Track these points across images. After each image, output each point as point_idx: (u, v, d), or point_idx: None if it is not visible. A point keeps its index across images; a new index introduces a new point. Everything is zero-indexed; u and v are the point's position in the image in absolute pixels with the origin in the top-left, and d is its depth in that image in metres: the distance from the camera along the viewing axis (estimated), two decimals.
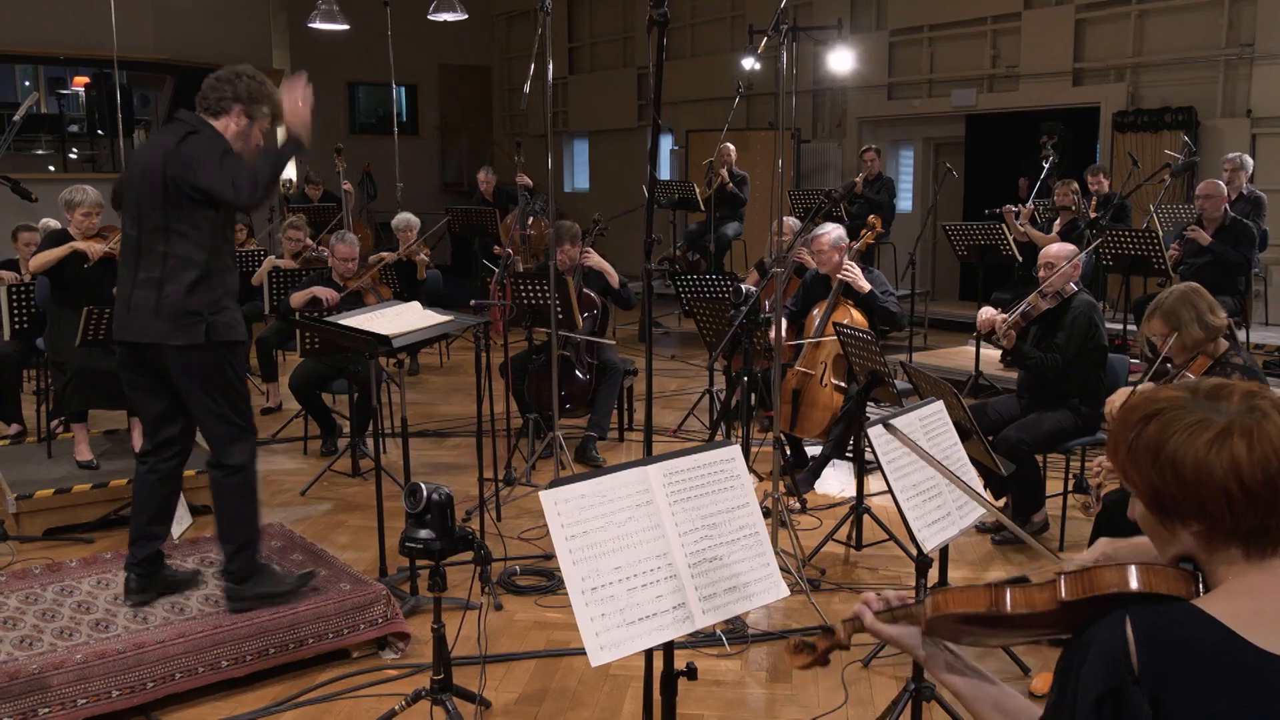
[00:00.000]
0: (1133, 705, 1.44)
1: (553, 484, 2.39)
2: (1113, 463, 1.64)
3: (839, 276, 6.16)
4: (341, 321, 4.60)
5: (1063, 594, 1.64)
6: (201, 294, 3.91)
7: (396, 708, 3.57)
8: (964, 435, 3.79)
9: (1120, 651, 1.47)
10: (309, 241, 8.87)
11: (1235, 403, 1.54)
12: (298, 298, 6.91)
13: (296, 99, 4.10)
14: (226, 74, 4.08)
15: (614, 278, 6.91)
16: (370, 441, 6.25)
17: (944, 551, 3.69)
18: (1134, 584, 1.58)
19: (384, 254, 9.00)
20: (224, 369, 4.00)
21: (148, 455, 4.19)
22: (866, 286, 6.10)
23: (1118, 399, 5.50)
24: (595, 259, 6.89)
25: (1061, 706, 1.53)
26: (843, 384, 6.06)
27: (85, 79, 15.37)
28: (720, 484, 2.60)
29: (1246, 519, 1.50)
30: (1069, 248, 5.41)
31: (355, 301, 6.80)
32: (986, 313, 5.52)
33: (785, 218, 6.26)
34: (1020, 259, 8.86)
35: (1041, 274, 5.36)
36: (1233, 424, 1.51)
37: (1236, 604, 1.50)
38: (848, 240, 6.29)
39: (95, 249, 6.13)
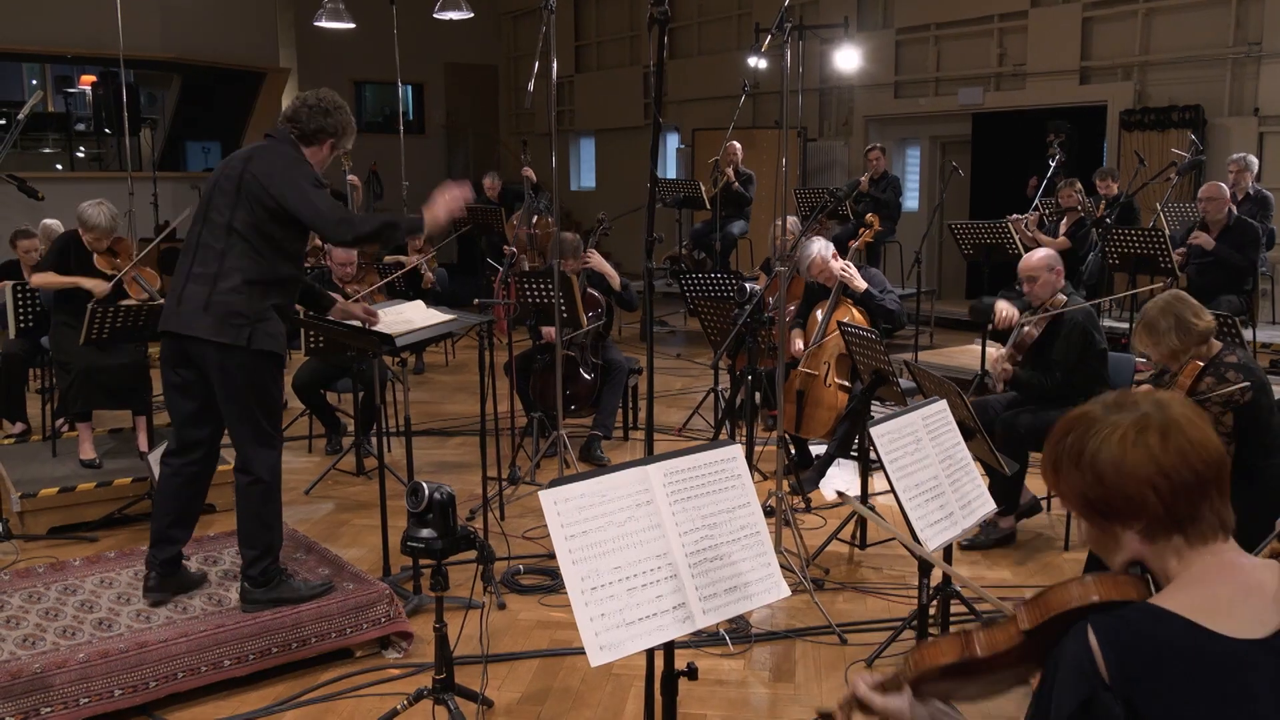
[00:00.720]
0: (1107, 711, 1.46)
1: (552, 483, 2.39)
2: (1046, 482, 1.70)
3: (838, 276, 6.14)
4: (345, 320, 4.60)
5: (1023, 624, 1.68)
6: (251, 299, 3.93)
7: (399, 707, 3.56)
8: (968, 435, 3.78)
9: (1087, 660, 1.49)
10: (316, 242, 8.86)
11: (1141, 403, 1.61)
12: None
13: (451, 202, 4.19)
14: (325, 104, 4.15)
15: (615, 280, 6.91)
16: (374, 440, 6.25)
17: (947, 550, 3.68)
18: (1088, 596, 1.62)
19: (400, 257, 8.99)
20: (261, 378, 4.01)
21: (173, 456, 4.19)
22: (862, 286, 6.09)
23: (1004, 308, 5.49)
24: (597, 260, 6.89)
25: None
26: (847, 383, 6.05)
27: (92, 78, 15.38)
28: (721, 483, 2.59)
29: (1178, 507, 1.55)
30: (1048, 255, 5.27)
31: None
32: (1009, 310, 5.42)
33: (788, 217, 6.25)
34: None
35: (1025, 288, 5.27)
36: (1144, 419, 1.58)
37: (1190, 595, 1.53)
38: (833, 249, 6.28)
39: (100, 290, 6.11)
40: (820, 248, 6.19)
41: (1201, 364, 4.08)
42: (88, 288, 6.10)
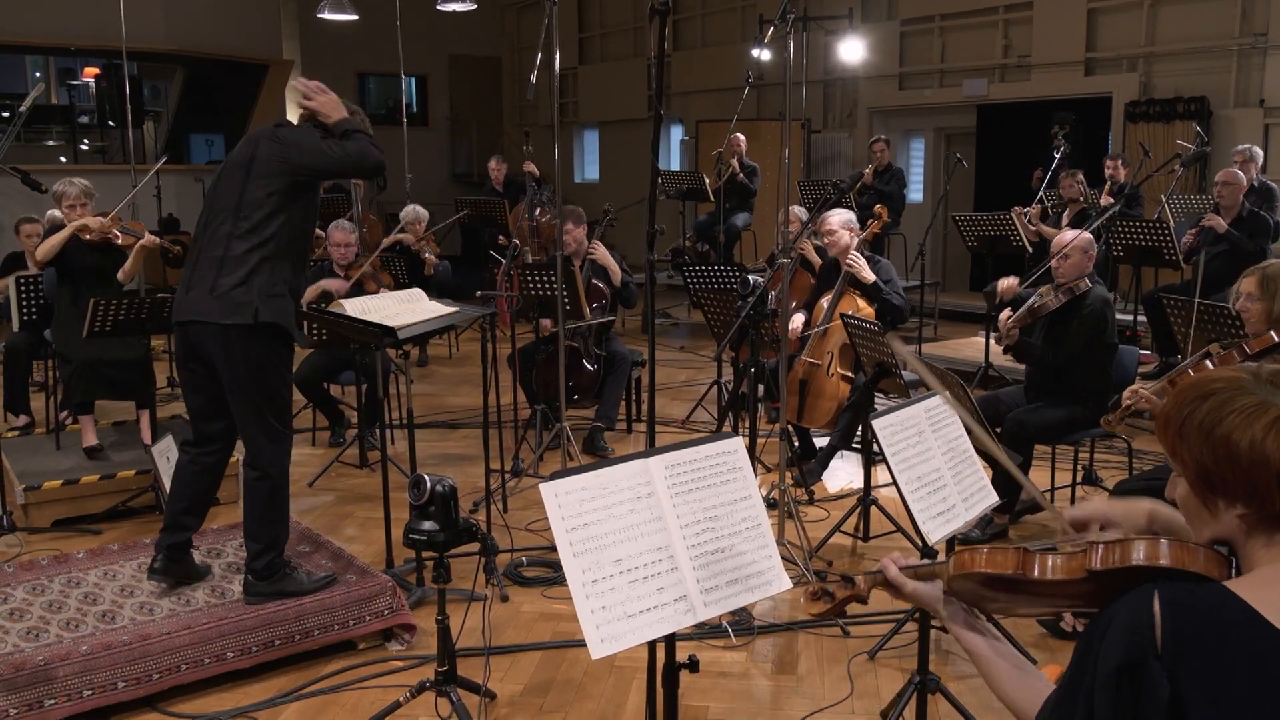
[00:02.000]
0: (1152, 679, 1.43)
1: (553, 476, 2.38)
2: (1161, 438, 1.62)
3: (844, 267, 6.13)
4: (348, 312, 4.59)
5: (1095, 563, 1.62)
6: (258, 278, 3.91)
7: (401, 699, 3.56)
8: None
9: (1145, 625, 1.45)
10: (320, 232, 8.86)
11: None
12: (309, 293, 6.92)
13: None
14: (349, 107, 4.30)
15: (616, 274, 6.91)
16: (377, 433, 6.25)
17: (950, 543, 3.67)
18: (1166, 559, 1.57)
19: (397, 236, 8.98)
20: (268, 362, 3.99)
21: (190, 445, 4.20)
22: (870, 277, 6.07)
23: (1006, 280, 5.49)
24: (601, 253, 6.89)
25: (1081, 675, 1.51)
26: (849, 374, 6.04)
27: (95, 70, 15.39)
28: (722, 476, 2.59)
29: None
30: (1086, 237, 5.28)
31: (357, 289, 6.80)
32: (1007, 280, 5.47)
33: (792, 207, 6.24)
34: (1031, 250, 8.82)
35: (1054, 263, 5.28)
36: None
37: (1268, 590, 1.48)
38: (856, 224, 6.27)
39: (94, 224, 6.13)
40: (843, 217, 6.17)
41: (1277, 339, 4.04)
42: (79, 225, 6.12)
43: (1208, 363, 4.12)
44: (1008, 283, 5.59)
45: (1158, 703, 1.42)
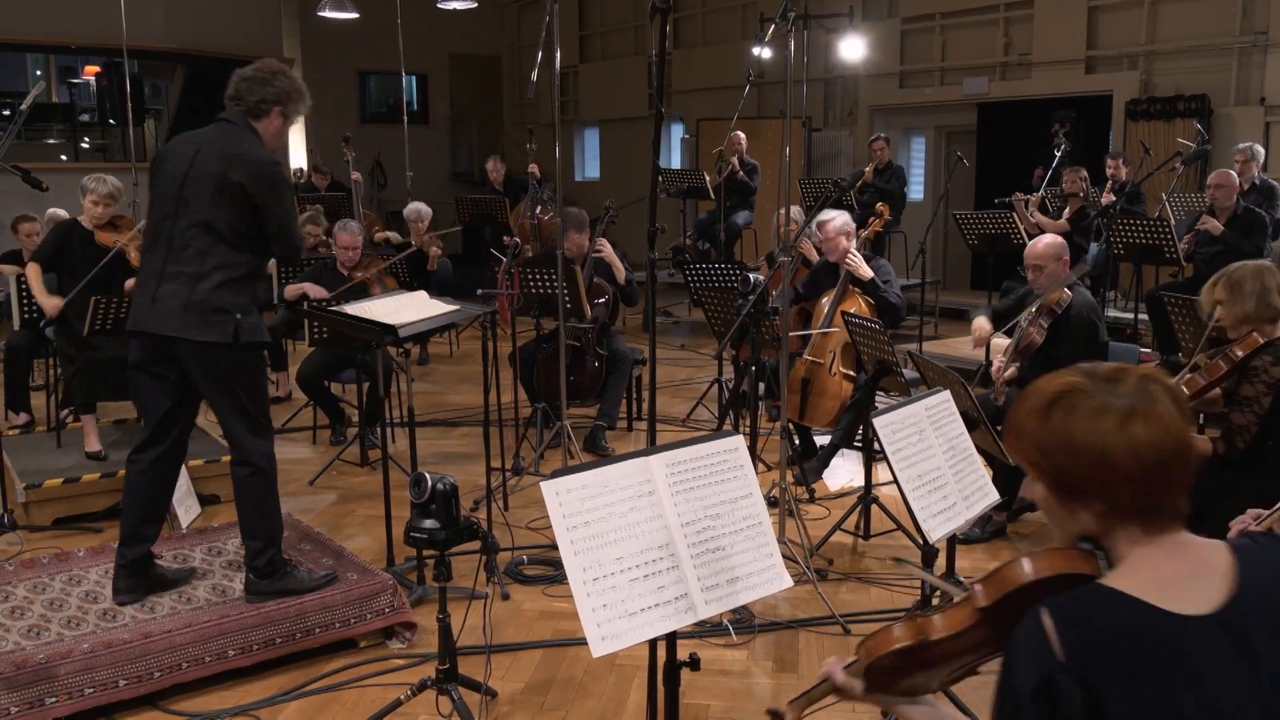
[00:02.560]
0: (1064, 694, 1.48)
1: (554, 474, 2.38)
2: (1012, 448, 1.70)
3: (843, 266, 6.13)
4: (348, 311, 4.59)
5: (980, 600, 1.69)
6: (233, 296, 3.91)
7: (402, 697, 3.57)
8: (971, 425, 3.77)
9: (1041, 642, 1.51)
10: (321, 236, 8.85)
11: (1131, 385, 1.60)
12: (292, 290, 6.93)
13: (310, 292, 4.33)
14: (262, 74, 4.07)
15: (620, 273, 6.91)
16: (378, 431, 6.25)
17: (951, 541, 3.68)
18: (1043, 572, 1.65)
19: (390, 234, 8.97)
20: (248, 369, 4.03)
21: (140, 452, 4.11)
22: (868, 273, 6.06)
23: (977, 326, 5.47)
24: (608, 251, 6.90)
25: (1002, 713, 1.56)
26: (851, 373, 6.04)
27: (96, 68, 15.37)
28: (723, 474, 2.59)
29: (1144, 497, 1.58)
30: (1056, 243, 5.20)
31: (361, 293, 6.79)
32: (983, 327, 5.45)
33: (791, 207, 6.23)
34: None
35: (1030, 275, 5.21)
36: (1130, 409, 1.57)
37: (1140, 576, 1.57)
38: (854, 226, 6.26)
39: (52, 308, 6.12)
40: (840, 220, 6.16)
41: (1262, 340, 4.04)
42: (43, 306, 6.14)
43: (1198, 376, 4.12)
44: (980, 332, 5.54)
45: (1075, 708, 1.48)
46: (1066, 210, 8.97)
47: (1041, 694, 1.50)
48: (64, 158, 15.18)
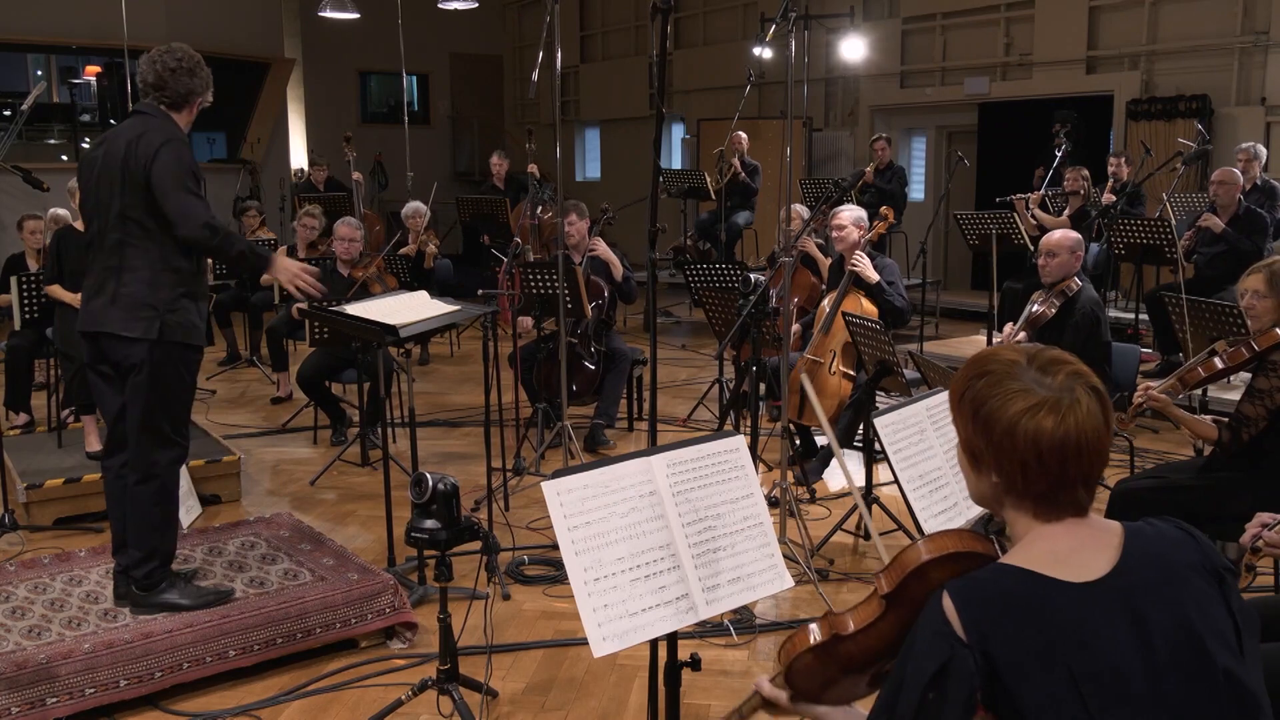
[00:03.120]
0: (960, 669, 1.54)
1: (555, 474, 2.38)
2: (949, 403, 1.79)
3: (848, 266, 6.13)
4: (349, 311, 4.59)
5: (882, 589, 1.74)
6: (157, 289, 3.83)
7: (403, 698, 3.57)
8: None
9: (942, 622, 1.58)
10: (316, 227, 8.85)
11: (1059, 380, 1.67)
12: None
13: (297, 278, 4.13)
14: (184, 64, 4.00)
15: (618, 270, 6.91)
16: (379, 431, 6.25)
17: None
18: (932, 550, 1.72)
19: (403, 251, 9.00)
20: (171, 372, 3.90)
21: (108, 458, 4.08)
22: (875, 277, 6.06)
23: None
24: (603, 249, 6.89)
25: (899, 685, 1.61)
26: (851, 372, 6.03)
27: (97, 68, 15.37)
28: (724, 475, 2.59)
29: (1036, 484, 1.66)
30: (1074, 237, 5.29)
31: (362, 292, 6.80)
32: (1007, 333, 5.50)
33: (794, 205, 6.24)
34: (1032, 248, 8.81)
35: (1041, 261, 5.28)
36: (1046, 400, 1.64)
37: (1034, 551, 1.66)
38: (867, 220, 6.26)
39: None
40: (854, 214, 6.17)
41: None
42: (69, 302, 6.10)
43: (1216, 360, 4.11)
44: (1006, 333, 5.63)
45: (968, 681, 1.54)
46: (1067, 209, 8.97)
47: (942, 675, 1.55)
48: (65, 158, 15.19)
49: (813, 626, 1.82)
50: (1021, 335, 5.30)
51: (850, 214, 6.16)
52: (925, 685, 1.56)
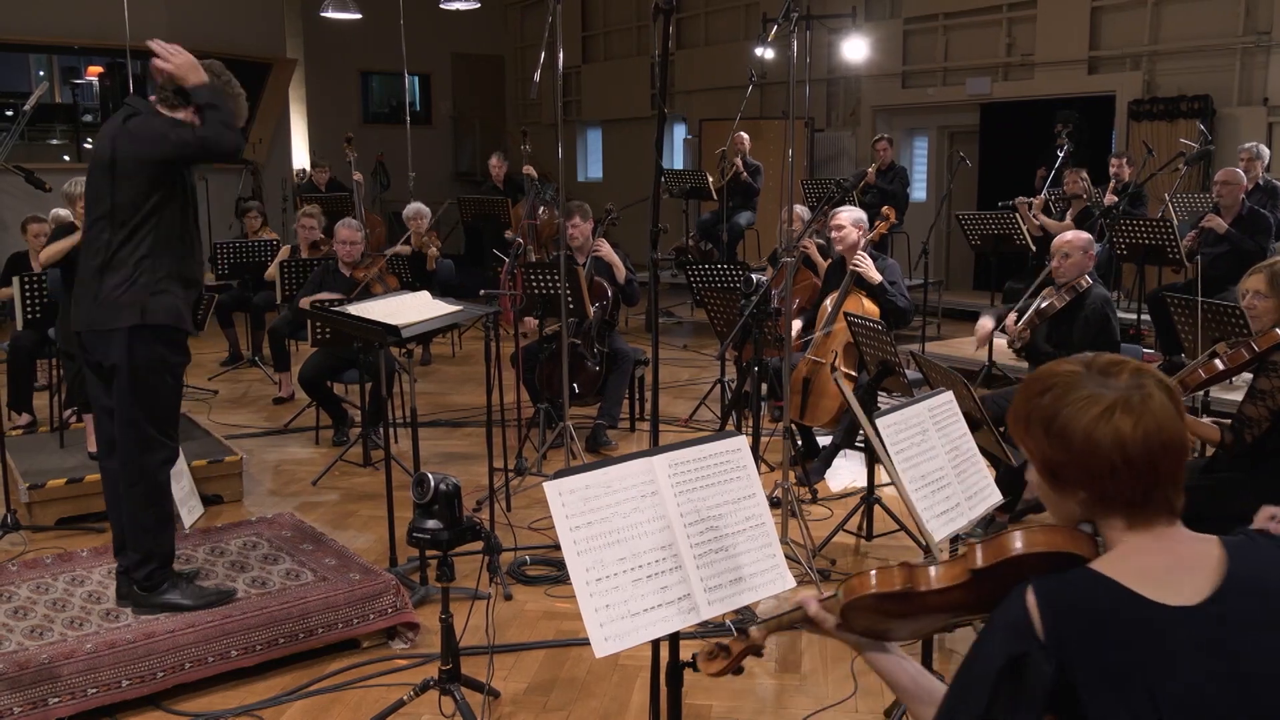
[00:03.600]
0: (1036, 669, 1.51)
1: (557, 474, 2.38)
2: (1013, 432, 1.73)
3: (850, 267, 6.13)
4: (351, 311, 4.59)
5: (975, 562, 1.70)
6: (142, 278, 3.81)
7: (405, 698, 3.57)
8: (974, 426, 3.77)
9: (1023, 620, 1.54)
10: (321, 234, 8.86)
11: (1124, 380, 1.63)
12: (307, 301, 6.91)
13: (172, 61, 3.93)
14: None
15: (621, 272, 6.91)
16: (381, 431, 6.25)
17: (954, 541, 3.67)
18: (1040, 545, 1.66)
19: (399, 248, 9.02)
20: (154, 371, 3.88)
21: (107, 459, 4.08)
22: (877, 278, 6.07)
23: (985, 324, 5.52)
24: (606, 250, 6.90)
25: (970, 676, 1.59)
26: (853, 373, 6.03)
27: (99, 69, 15.38)
28: (726, 475, 2.59)
29: (1128, 490, 1.60)
30: (1085, 236, 5.31)
31: (364, 293, 6.80)
32: (985, 326, 5.54)
33: (796, 206, 6.24)
34: (1034, 249, 8.82)
35: (1055, 263, 5.28)
36: (1119, 400, 1.60)
37: (1127, 564, 1.59)
38: (867, 221, 6.26)
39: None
40: (854, 215, 6.17)
41: None
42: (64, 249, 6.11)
43: (1217, 362, 4.10)
44: (981, 326, 5.68)
45: (1043, 683, 1.50)
46: (1070, 211, 8.96)
47: (1013, 667, 1.52)
48: (67, 158, 15.20)
49: (885, 572, 1.80)
50: (1025, 327, 5.30)
51: (849, 215, 6.16)
52: (996, 677, 1.53)
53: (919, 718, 1.88)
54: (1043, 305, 5.30)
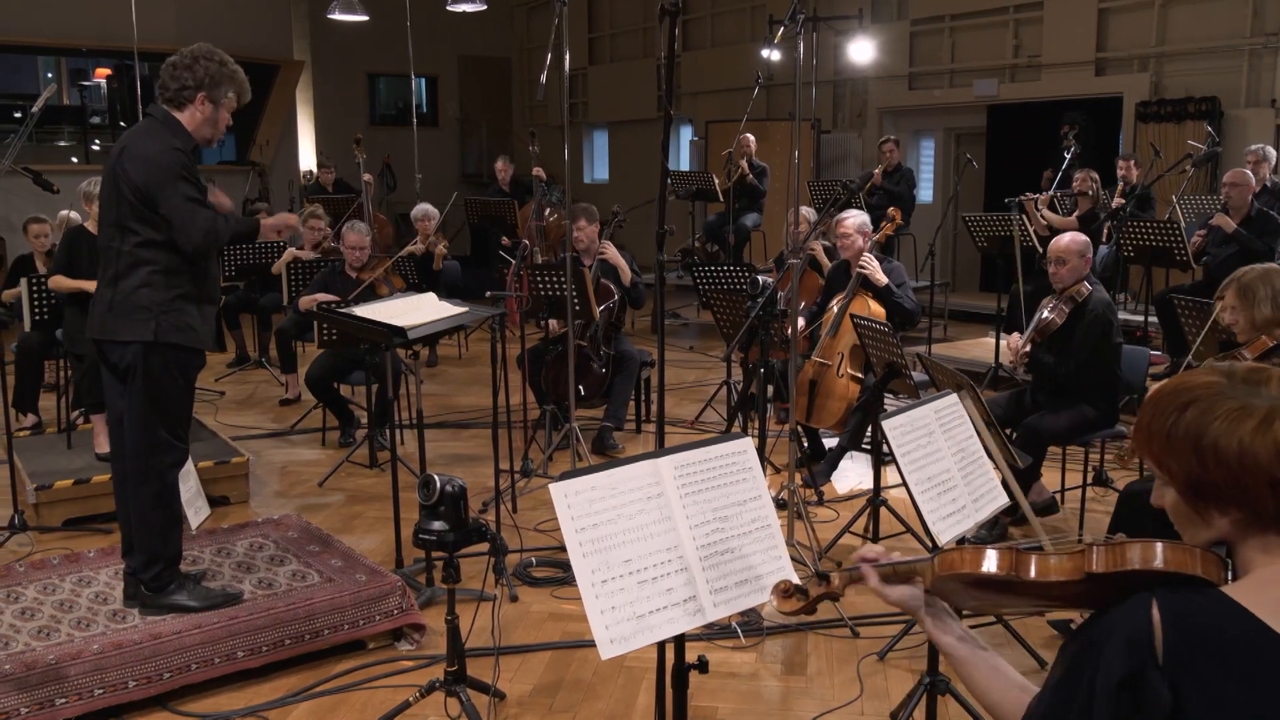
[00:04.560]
0: (1153, 689, 1.42)
1: (563, 476, 2.38)
2: (1143, 450, 1.61)
3: (856, 269, 6.12)
4: (357, 313, 4.59)
5: (1093, 565, 1.60)
6: (153, 291, 3.82)
7: (411, 699, 3.57)
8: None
9: (1145, 635, 1.44)
10: (329, 229, 8.88)
11: (1274, 388, 1.52)
12: (306, 301, 6.92)
13: (279, 222, 4.24)
14: (184, 59, 3.91)
15: (626, 275, 6.91)
16: (387, 433, 6.26)
17: (960, 543, 3.67)
18: (1162, 562, 1.54)
19: (411, 248, 9.03)
20: (168, 375, 3.90)
21: (118, 461, 4.09)
22: (884, 280, 6.06)
23: (1016, 339, 5.44)
24: (612, 252, 6.89)
25: (1077, 684, 1.49)
26: (859, 375, 6.03)
27: (107, 70, 15.43)
28: (732, 476, 2.58)
29: None
30: (1081, 239, 5.26)
31: (369, 294, 6.81)
32: (1015, 341, 5.44)
33: (802, 208, 6.23)
34: (1041, 250, 8.78)
35: (1052, 270, 5.24)
36: (1274, 410, 1.48)
37: (1266, 593, 1.47)
38: (871, 227, 6.26)
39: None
40: (859, 218, 6.16)
41: (1271, 343, 4.02)
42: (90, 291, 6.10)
43: None
44: (1012, 339, 5.58)
45: (1162, 708, 1.41)
46: (1076, 209, 8.95)
47: (1129, 685, 1.44)
48: (75, 160, 15.24)
49: (991, 556, 1.73)
50: (1026, 345, 5.26)
51: (854, 222, 6.16)
52: (1114, 692, 1.44)
53: (969, 683, 1.83)
54: (1043, 320, 5.24)
